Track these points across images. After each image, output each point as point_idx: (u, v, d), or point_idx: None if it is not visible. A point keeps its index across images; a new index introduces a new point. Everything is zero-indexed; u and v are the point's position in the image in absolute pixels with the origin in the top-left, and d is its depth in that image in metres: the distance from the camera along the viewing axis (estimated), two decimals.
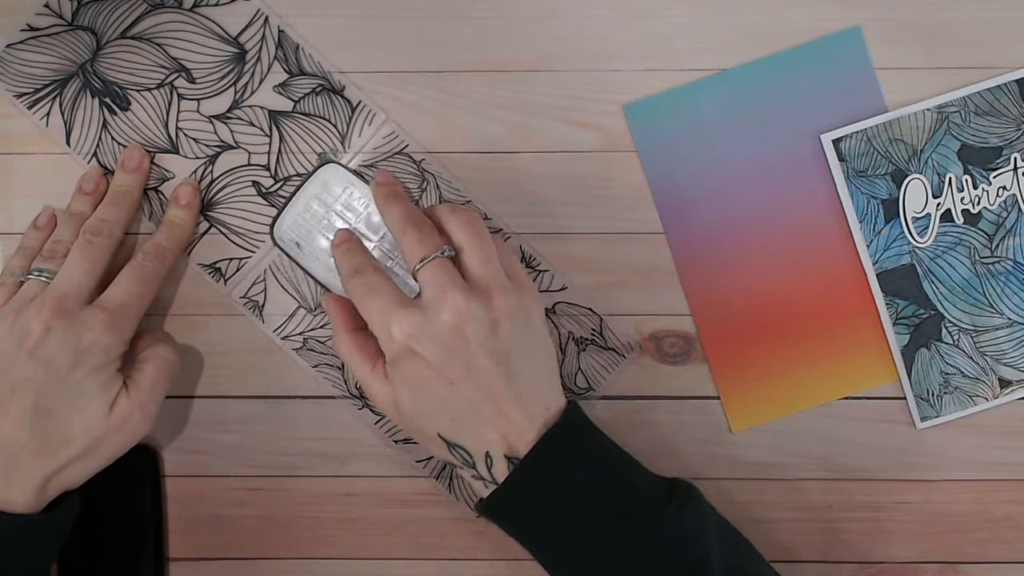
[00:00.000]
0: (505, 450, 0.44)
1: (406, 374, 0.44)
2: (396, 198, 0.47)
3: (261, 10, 0.52)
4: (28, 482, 0.44)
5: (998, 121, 0.51)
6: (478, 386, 0.44)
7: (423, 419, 0.45)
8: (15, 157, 0.52)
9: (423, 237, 0.45)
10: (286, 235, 0.50)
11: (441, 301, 0.43)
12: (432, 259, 0.44)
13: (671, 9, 0.51)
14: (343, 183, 0.50)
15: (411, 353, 0.44)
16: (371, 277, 0.45)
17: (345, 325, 0.47)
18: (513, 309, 0.44)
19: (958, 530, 0.52)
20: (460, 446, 0.45)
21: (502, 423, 0.44)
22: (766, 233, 0.52)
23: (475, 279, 0.45)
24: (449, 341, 0.43)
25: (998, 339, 0.52)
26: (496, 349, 0.44)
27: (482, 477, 0.45)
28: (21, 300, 0.46)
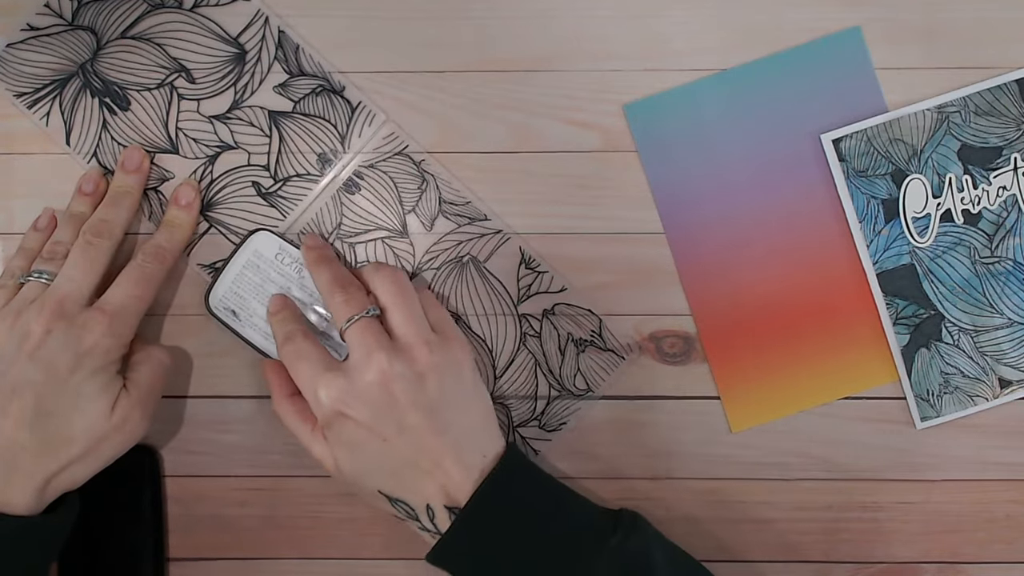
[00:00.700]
0: (445, 501, 0.45)
1: (339, 436, 0.45)
2: (325, 261, 0.49)
3: (261, 10, 0.52)
4: (28, 484, 0.44)
5: (998, 121, 0.51)
6: (411, 441, 0.44)
7: (363, 477, 0.46)
8: (15, 157, 0.52)
9: (348, 298, 0.46)
10: (221, 304, 0.50)
11: (366, 362, 0.45)
12: (358, 320, 0.46)
13: (671, 9, 0.51)
14: (275, 249, 0.50)
15: (341, 416, 0.45)
16: (300, 344, 0.47)
17: (282, 391, 0.49)
18: (439, 363, 0.45)
19: (958, 530, 0.52)
20: (401, 500, 0.46)
21: (439, 475, 0.45)
22: (766, 233, 0.52)
23: (400, 337, 0.46)
24: (376, 401, 0.44)
25: (998, 339, 0.52)
26: (425, 403, 0.45)
27: (426, 528, 0.46)
28: (21, 302, 0.46)
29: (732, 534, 0.52)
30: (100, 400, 0.46)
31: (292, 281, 0.50)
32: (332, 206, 0.52)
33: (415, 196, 0.52)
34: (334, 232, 0.52)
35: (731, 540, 0.52)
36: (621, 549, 0.44)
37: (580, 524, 0.45)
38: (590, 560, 0.44)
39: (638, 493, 0.52)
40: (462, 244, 0.52)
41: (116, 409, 0.46)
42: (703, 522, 0.52)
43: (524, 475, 0.46)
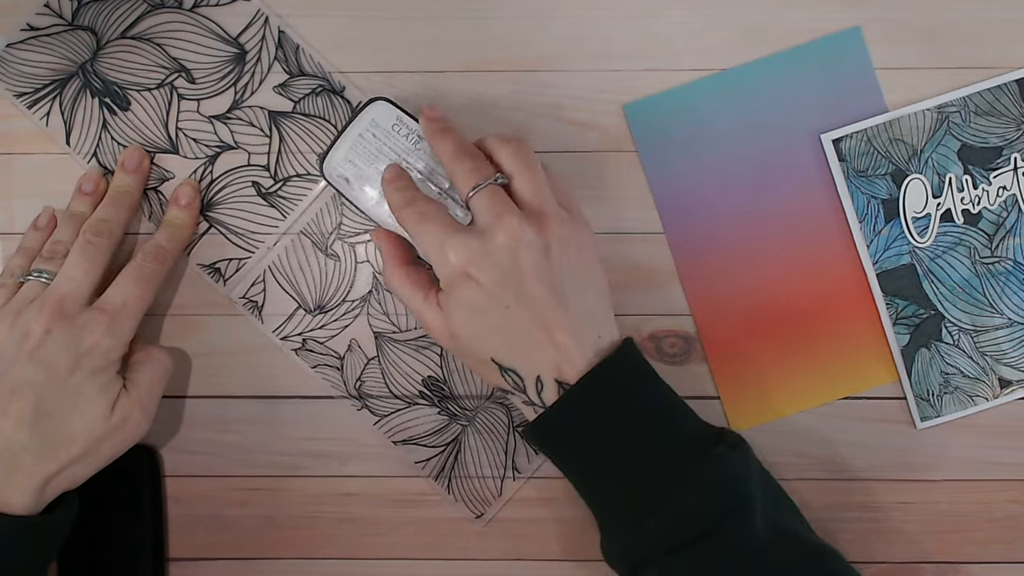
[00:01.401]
0: (555, 375, 0.44)
1: (462, 299, 0.44)
2: (447, 131, 0.47)
3: (261, 10, 0.52)
4: (28, 484, 0.44)
5: (998, 121, 0.51)
6: (531, 310, 0.43)
7: (477, 344, 0.45)
8: (15, 157, 0.52)
9: (476, 166, 0.45)
10: (335, 171, 0.48)
11: (496, 225, 0.43)
12: (485, 186, 0.44)
13: (671, 9, 0.51)
14: (392, 119, 0.48)
15: (466, 277, 0.43)
16: (424, 207, 0.45)
17: (396, 259, 0.47)
18: (566, 237, 0.44)
19: (958, 530, 0.52)
20: (512, 370, 0.44)
21: (553, 349, 0.44)
22: (766, 233, 0.52)
23: (528, 206, 0.44)
24: (504, 265, 0.43)
25: (998, 339, 0.52)
26: (549, 275, 0.43)
27: (532, 402, 0.45)
28: (21, 301, 0.46)
29: None
30: (100, 400, 0.46)
31: (408, 152, 0.48)
32: (332, 206, 0.52)
33: None
34: (334, 232, 0.52)
35: None
36: (722, 459, 0.43)
37: (683, 428, 0.44)
38: (689, 463, 0.43)
39: None
40: None
41: (116, 409, 0.46)
42: None
43: (639, 370, 0.45)
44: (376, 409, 0.52)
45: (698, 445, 0.44)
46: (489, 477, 0.52)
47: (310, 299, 0.52)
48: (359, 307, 0.52)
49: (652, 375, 0.46)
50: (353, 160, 0.48)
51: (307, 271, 0.52)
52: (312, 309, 0.52)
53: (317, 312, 0.52)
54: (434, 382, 0.52)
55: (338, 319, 0.52)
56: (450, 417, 0.52)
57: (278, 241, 0.52)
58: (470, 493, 0.52)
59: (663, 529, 0.42)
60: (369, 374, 0.52)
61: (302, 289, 0.52)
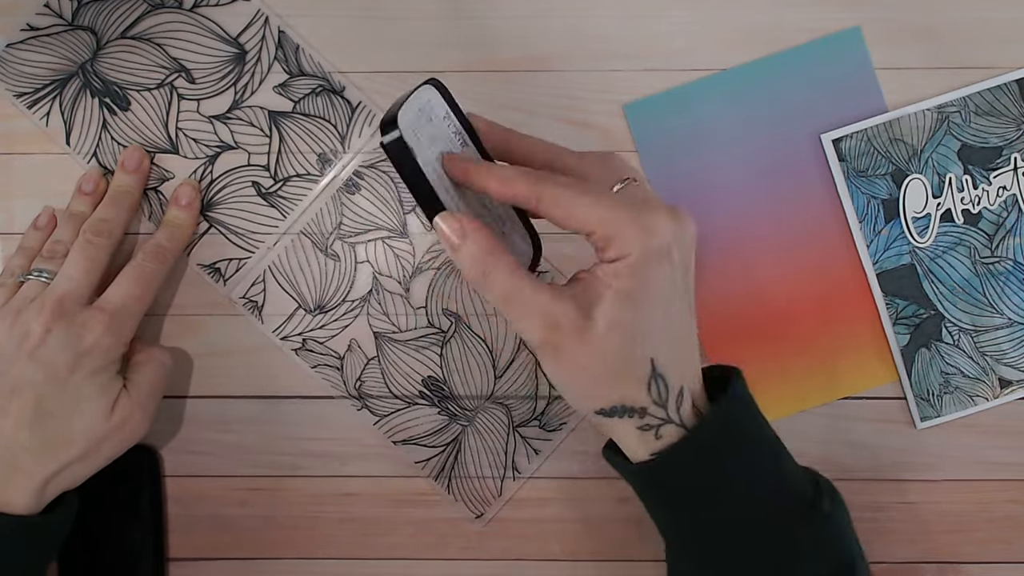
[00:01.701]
0: (692, 387, 0.39)
1: (653, 281, 0.37)
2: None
3: (261, 10, 0.52)
4: (28, 484, 0.44)
5: (998, 121, 0.51)
6: (686, 315, 0.39)
7: (643, 340, 0.38)
8: (15, 157, 0.52)
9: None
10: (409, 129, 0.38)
11: (679, 210, 0.38)
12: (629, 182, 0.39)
13: (671, 9, 0.51)
14: (442, 111, 0.41)
15: (666, 256, 0.37)
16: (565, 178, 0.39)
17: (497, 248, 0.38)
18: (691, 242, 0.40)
19: (958, 530, 0.52)
20: (663, 376, 0.38)
21: (696, 359, 0.40)
22: (766, 233, 0.52)
23: None
24: (690, 253, 0.39)
25: (998, 339, 0.52)
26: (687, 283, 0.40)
27: (663, 420, 0.38)
28: (21, 301, 0.46)
29: None
30: (100, 400, 0.46)
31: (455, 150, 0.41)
32: (332, 206, 0.52)
33: None
34: (334, 232, 0.52)
35: None
36: (831, 518, 0.41)
37: (791, 477, 0.41)
38: (802, 521, 0.40)
39: None
40: None
41: (116, 409, 0.46)
42: None
43: (752, 403, 0.41)
44: (376, 409, 0.52)
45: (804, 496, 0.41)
46: (489, 477, 0.52)
47: (310, 299, 0.52)
48: (359, 307, 0.52)
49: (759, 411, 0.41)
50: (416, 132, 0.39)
51: (307, 271, 0.52)
52: (312, 309, 0.52)
53: (317, 312, 0.52)
54: (434, 382, 0.52)
55: (338, 319, 0.52)
56: (450, 417, 0.52)
57: (278, 241, 0.52)
58: (470, 493, 0.52)
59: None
60: (369, 374, 0.52)
61: (302, 289, 0.52)
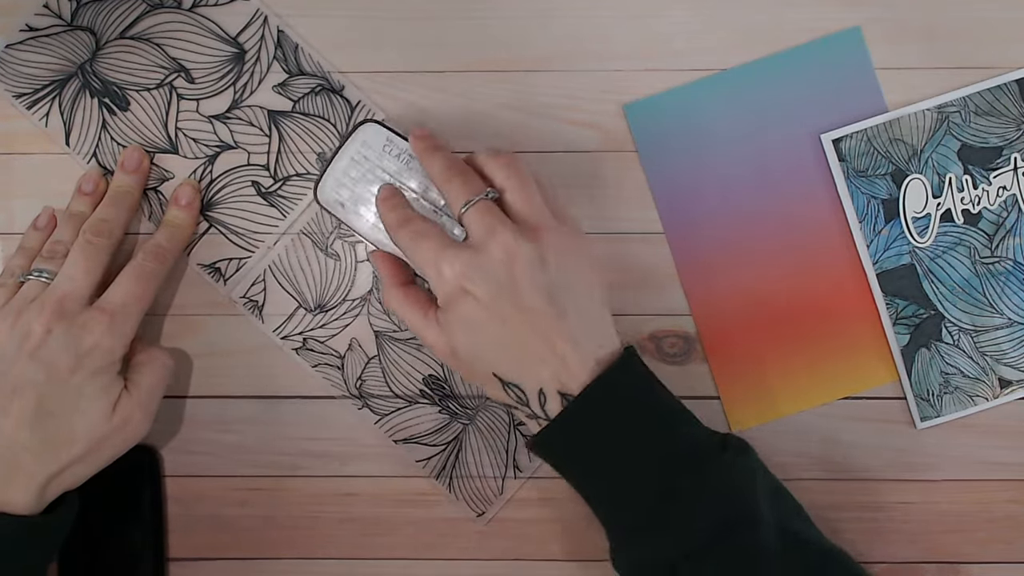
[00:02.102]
0: (558, 387, 0.43)
1: (460, 315, 0.44)
2: (436, 149, 0.47)
3: (260, 10, 0.52)
4: (29, 484, 0.44)
5: (998, 121, 0.51)
6: (529, 323, 0.43)
7: (479, 359, 0.44)
8: (15, 157, 0.52)
9: (466, 181, 0.45)
10: (330, 196, 0.49)
11: (490, 239, 0.43)
12: (476, 201, 0.44)
13: (671, 9, 0.51)
14: (382, 141, 0.48)
15: (463, 293, 0.43)
16: (419, 224, 0.45)
17: (394, 279, 0.48)
18: (561, 246, 0.44)
19: (958, 530, 0.52)
20: (515, 384, 0.44)
21: (555, 360, 0.43)
22: (766, 233, 0.52)
23: (521, 218, 0.45)
24: (499, 278, 0.43)
25: (998, 339, 0.52)
26: (545, 285, 0.43)
27: (535, 415, 0.45)
28: (21, 301, 0.46)
29: None
30: (101, 400, 0.46)
31: (400, 172, 0.48)
32: None
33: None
34: (334, 231, 0.52)
35: None
36: (726, 469, 0.43)
37: (687, 436, 0.44)
38: (694, 472, 0.43)
39: None
40: None
41: (117, 410, 0.46)
42: None
43: (640, 377, 0.45)
44: (377, 408, 0.52)
45: (703, 453, 0.44)
46: (490, 476, 0.52)
47: (310, 298, 0.52)
48: (359, 306, 0.52)
49: (654, 383, 0.45)
50: (347, 184, 0.49)
51: (307, 270, 0.52)
52: (312, 308, 0.52)
53: (317, 311, 0.52)
54: (435, 381, 0.52)
55: (338, 318, 0.52)
56: (451, 416, 0.52)
57: (278, 241, 0.52)
58: (471, 492, 0.52)
59: (671, 541, 0.42)
60: (370, 373, 0.52)
61: (302, 288, 0.52)
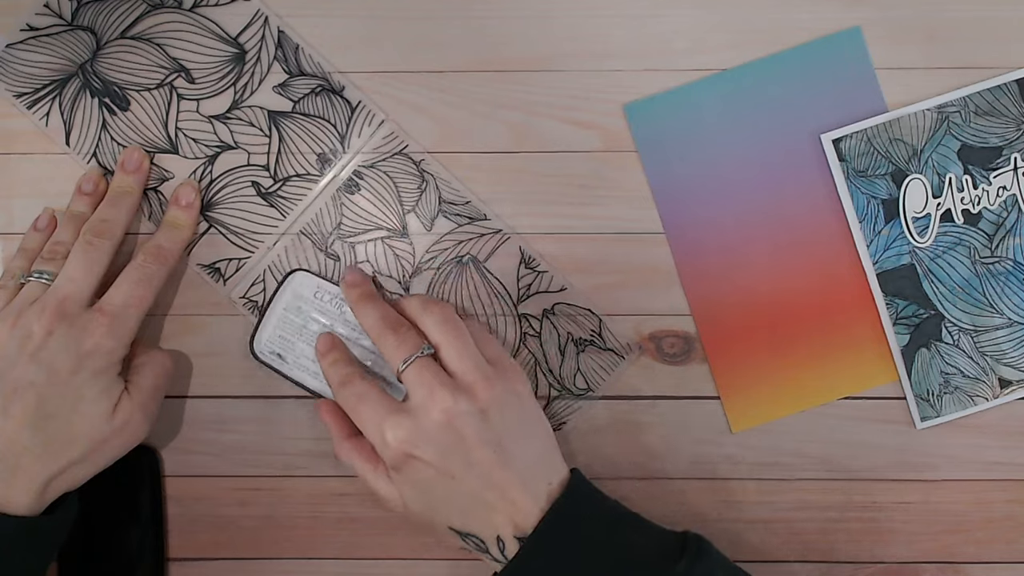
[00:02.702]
0: (513, 531, 0.44)
1: (408, 477, 0.45)
2: (368, 299, 0.48)
3: (261, 10, 0.52)
4: (30, 484, 0.44)
5: (998, 121, 0.51)
6: (479, 476, 0.44)
7: (432, 515, 0.46)
8: (15, 157, 0.52)
9: (401, 339, 0.46)
10: (266, 349, 0.50)
11: (429, 402, 0.44)
12: (414, 360, 0.45)
13: (671, 9, 0.51)
14: (313, 288, 0.50)
15: (409, 457, 0.44)
16: (359, 387, 0.46)
17: (342, 432, 0.48)
18: (500, 396, 0.45)
19: (958, 530, 0.52)
20: (472, 535, 0.46)
21: (507, 507, 0.44)
22: (766, 233, 0.52)
23: (457, 373, 0.45)
24: (443, 439, 0.44)
25: (998, 339, 0.52)
26: (490, 438, 0.44)
27: (497, 560, 0.45)
28: (22, 302, 0.46)
29: (732, 534, 0.52)
30: (101, 402, 0.46)
31: (335, 318, 0.50)
32: (332, 206, 0.52)
33: (415, 196, 0.52)
34: (334, 232, 0.52)
35: (731, 540, 0.52)
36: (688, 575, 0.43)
37: (646, 550, 0.44)
38: None
39: (637, 493, 0.52)
40: (462, 244, 0.52)
41: (117, 411, 0.46)
42: (703, 522, 0.52)
43: (588, 501, 0.46)
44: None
45: (661, 562, 0.44)
46: None
47: None
48: None
49: (603, 503, 0.46)
50: (283, 335, 0.50)
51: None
52: None
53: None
54: None
55: None
56: None
57: (278, 241, 0.52)
58: None
59: None
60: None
61: None
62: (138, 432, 0.47)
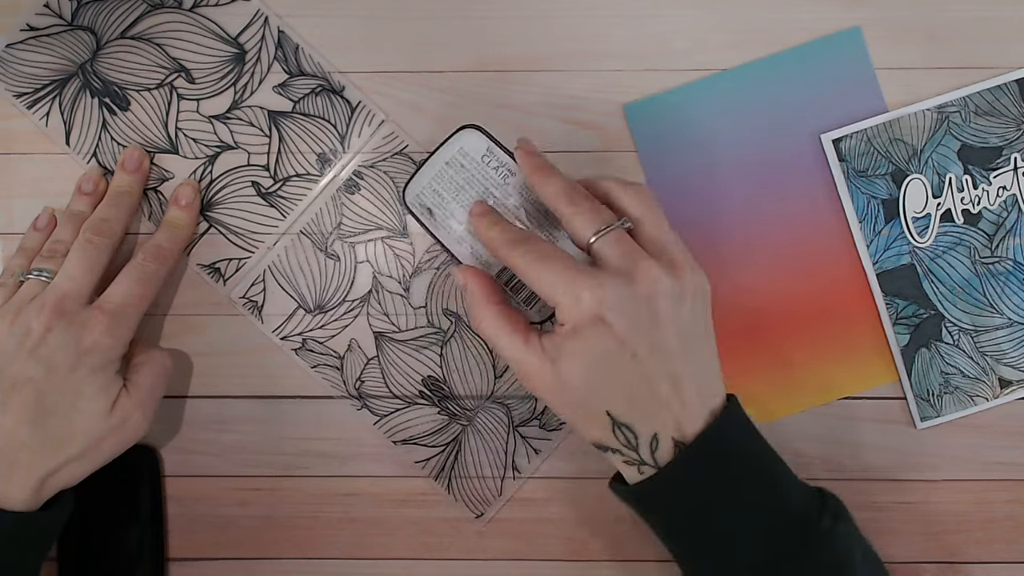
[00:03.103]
0: (674, 432, 0.41)
1: (589, 344, 0.40)
2: (550, 171, 0.44)
3: (261, 10, 0.52)
4: (27, 480, 0.44)
5: (998, 121, 0.51)
6: (660, 362, 0.41)
7: (594, 395, 0.41)
8: (15, 157, 0.52)
9: (595, 208, 0.43)
10: (417, 200, 0.47)
11: (633, 270, 0.41)
12: (611, 230, 0.42)
13: (671, 9, 0.51)
14: (482, 149, 0.47)
15: (599, 321, 0.40)
16: (542, 246, 0.42)
17: (489, 297, 0.44)
18: (698, 288, 0.42)
19: (958, 530, 0.52)
20: (627, 426, 0.41)
21: (676, 405, 0.41)
22: (766, 233, 0.52)
23: (658, 252, 0.42)
24: (639, 312, 0.40)
25: (998, 339, 0.52)
26: (682, 326, 0.41)
27: (642, 461, 0.42)
28: (21, 300, 0.47)
29: None
30: (100, 399, 0.46)
31: (497, 187, 0.46)
32: (332, 206, 0.52)
33: None
34: (334, 232, 0.52)
35: None
36: (829, 539, 0.41)
37: (791, 496, 0.42)
38: (799, 540, 0.41)
39: None
40: None
41: (116, 410, 0.46)
42: None
43: (747, 428, 0.43)
44: (376, 409, 0.52)
45: (805, 515, 0.42)
46: (489, 477, 0.52)
47: (310, 299, 0.52)
48: (359, 307, 0.52)
49: (758, 435, 0.43)
50: (438, 189, 0.47)
51: (307, 271, 0.52)
52: (312, 309, 0.52)
53: (317, 312, 0.52)
54: (434, 382, 0.52)
55: (338, 319, 0.52)
56: (450, 417, 0.52)
57: (278, 241, 0.52)
58: (470, 493, 0.52)
59: None
60: (369, 374, 0.52)
61: (302, 289, 0.52)
62: (136, 431, 0.47)
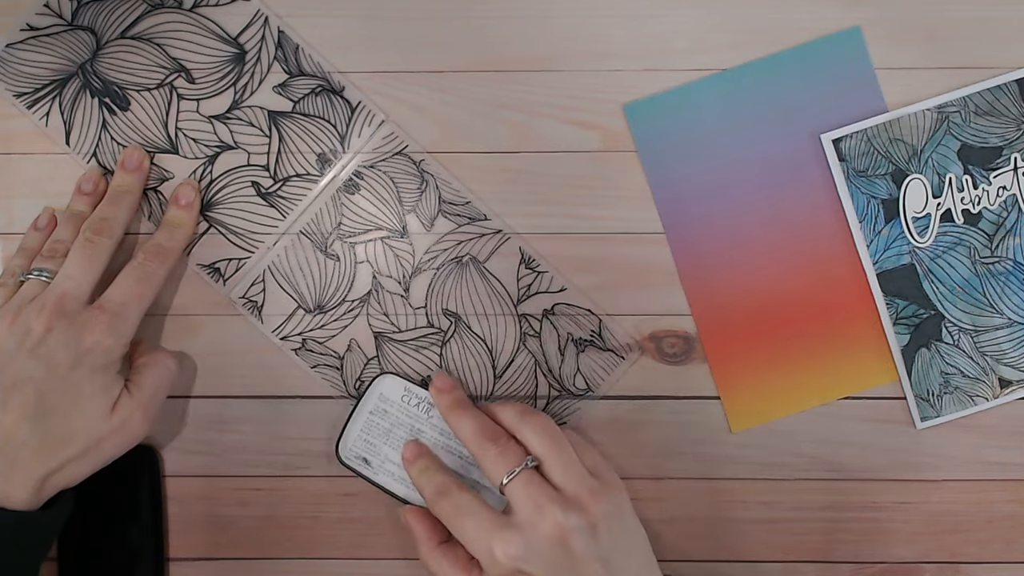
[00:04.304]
0: None
1: None
2: (462, 408, 0.48)
3: (261, 10, 0.52)
4: (27, 479, 0.44)
5: (998, 121, 0.51)
6: None
7: None
8: (15, 157, 0.52)
9: (503, 451, 0.46)
10: (351, 453, 0.50)
11: (538, 517, 0.44)
12: (518, 473, 0.45)
13: (671, 9, 0.51)
14: (400, 391, 0.50)
15: (518, 573, 0.44)
16: (459, 498, 0.46)
17: (431, 540, 0.47)
18: (606, 511, 0.45)
19: (958, 530, 0.52)
20: None
21: None
22: (766, 233, 0.52)
23: (564, 488, 0.45)
24: (553, 555, 0.43)
25: (998, 339, 0.52)
26: (599, 554, 0.44)
27: None
28: (21, 300, 0.47)
29: (732, 534, 0.52)
30: (100, 399, 0.46)
31: (422, 422, 0.50)
32: (332, 206, 0.52)
33: (415, 196, 0.52)
34: (334, 232, 0.52)
35: (731, 540, 0.52)
36: None
37: None
38: None
39: (638, 493, 0.52)
40: (462, 244, 0.52)
41: (117, 410, 0.46)
42: (703, 522, 0.52)
43: None
44: None
45: None
46: None
47: (310, 299, 0.52)
48: (359, 307, 0.52)
49: None
50: (368, 439, 0.50)
51: (307, 271, 0.52)
52: (312, 309, 0.52)
53: (317, 312, 0.52)
54: None
55: (338, 319, 0.52)
56: None
57: (278, 241, 0.52)
58: None
59: None
60: (369, 374, 0.52)
61: (302, 289, 0.52)
62: (137, 432, 0.47)
